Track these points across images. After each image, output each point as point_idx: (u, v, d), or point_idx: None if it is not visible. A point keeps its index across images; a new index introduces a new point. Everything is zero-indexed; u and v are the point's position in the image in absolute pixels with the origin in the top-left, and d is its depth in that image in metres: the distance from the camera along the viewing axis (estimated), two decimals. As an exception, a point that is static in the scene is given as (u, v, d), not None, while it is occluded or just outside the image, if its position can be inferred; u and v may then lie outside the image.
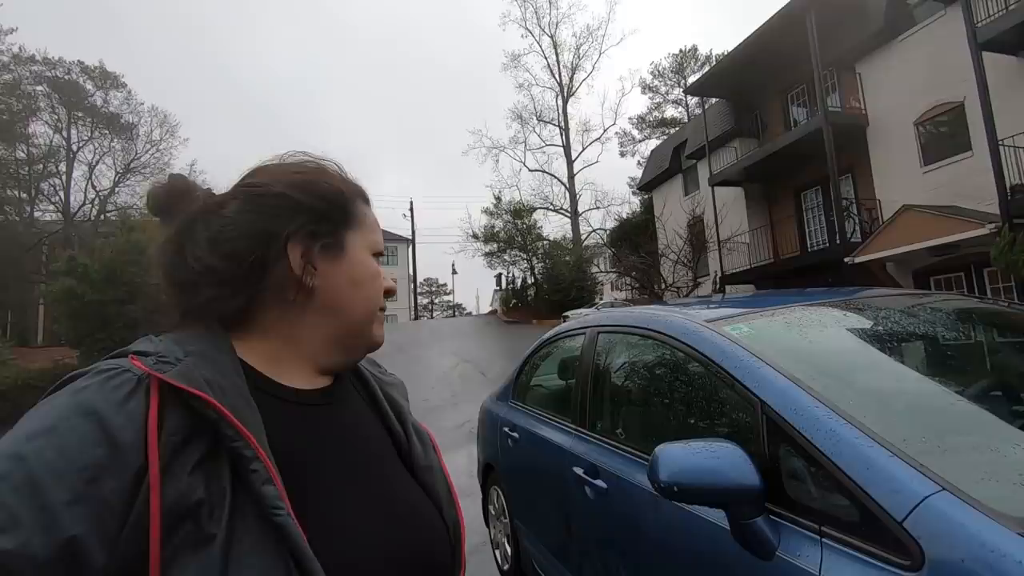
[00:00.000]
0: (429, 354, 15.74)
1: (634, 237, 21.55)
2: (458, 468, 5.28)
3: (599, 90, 45.21)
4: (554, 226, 45.52)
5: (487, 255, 28.74)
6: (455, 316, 44.71)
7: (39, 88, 25.07)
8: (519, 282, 28.47)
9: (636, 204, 29.18)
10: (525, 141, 34.19)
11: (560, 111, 33.08)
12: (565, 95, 32.90)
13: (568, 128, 32.91)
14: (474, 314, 42.43)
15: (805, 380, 1.25)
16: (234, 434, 0.50)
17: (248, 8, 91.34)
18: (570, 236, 30.12)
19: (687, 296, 17.24)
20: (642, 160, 31.28)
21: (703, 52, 34.16)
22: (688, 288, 18.04)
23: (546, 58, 33.55)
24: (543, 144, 33.64)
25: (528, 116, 33.27)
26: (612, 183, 66.02)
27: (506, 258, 28.38)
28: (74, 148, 26.24)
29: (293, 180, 0.64)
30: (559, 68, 32.91)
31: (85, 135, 26.47)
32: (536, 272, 27.16)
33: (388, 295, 0.71)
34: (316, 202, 0.64)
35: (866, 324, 1.71)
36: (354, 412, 0.69)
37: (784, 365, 1.32)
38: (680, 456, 1.17)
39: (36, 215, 26.04)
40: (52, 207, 26.42)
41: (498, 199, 29.07)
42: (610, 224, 29.17)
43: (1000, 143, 8.61)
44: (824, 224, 14.49)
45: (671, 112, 35.52)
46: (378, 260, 0.71)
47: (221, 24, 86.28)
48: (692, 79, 25.89)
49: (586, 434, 2.11)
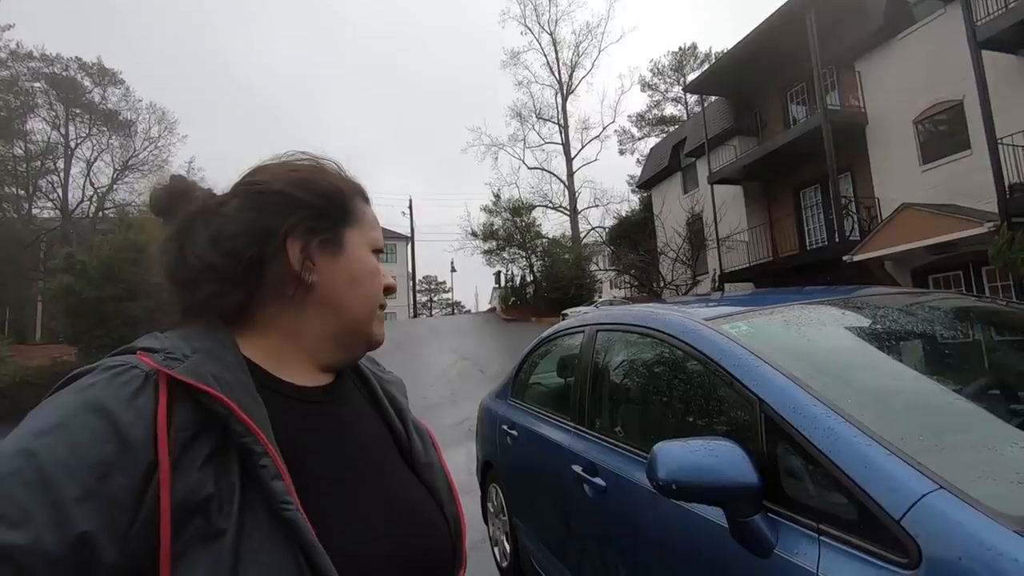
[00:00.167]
0: (428, 352, 15.73)
1: (633, 235, 21.54)
2: (457, 466, 5.29)
3: (598, 88, 45.48)
4: (553, 224, 45.63)
5: (486, 253, 28.68)
6: (454, 314, 44.68)
7: (36, 84, 25.01)
8: (518, 280, 28.41)
9: (635, 202, 29.16)
10: (524, 139, 34.34)
11: (559, 109, 33.09)
12: (564, 93, 32.88)
13: (567, 126, 32.90)
14: (473, 312, 42.33)
15: (803, 378, 1.25)
16: (243, 430, 0.51)
17: (248, 7, 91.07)
18: (569, 234, 30.08)
19: (686, 294, 17.26)
20: (641, 158, 31.29)
21: (703, 50, 34.09)
22: (687, 286, 18.05)
23: (545, 55, 33.51)
24: (542, 142, 33.69)
25: (527, 114, 33.29)
26: (611, 181, 65.87)
27: (505, 256, 28.31)
28: (72, 145, 26.18)
29: (292, 178, 0.64)
30: (558, 65, 32.91)
31: (83, 132, 26.42)
32: (535, 270, 27.12)
33: (388, 292, 0.71)
34: (315, 199, 0.64)
35: (864, 323, 1.71)
36: (355, 409, 0.70)
37: (782, 363, 1.32)
38: (679, 454, 1.17)
39: (34, 212, 26.01)
40: (50, 204, 26.40)
41: (497, 197, 29.02)
42: (609, 222, 29.22)
43: (999, 142, 8.61)
44: (823, 222, 14.51)
45: (670, 110, 35.49)
46: (378, 257, 0.71)
47: (221, 23, 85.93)
48: (691, 77, 25.80)
49: (585, 432, 2.12)
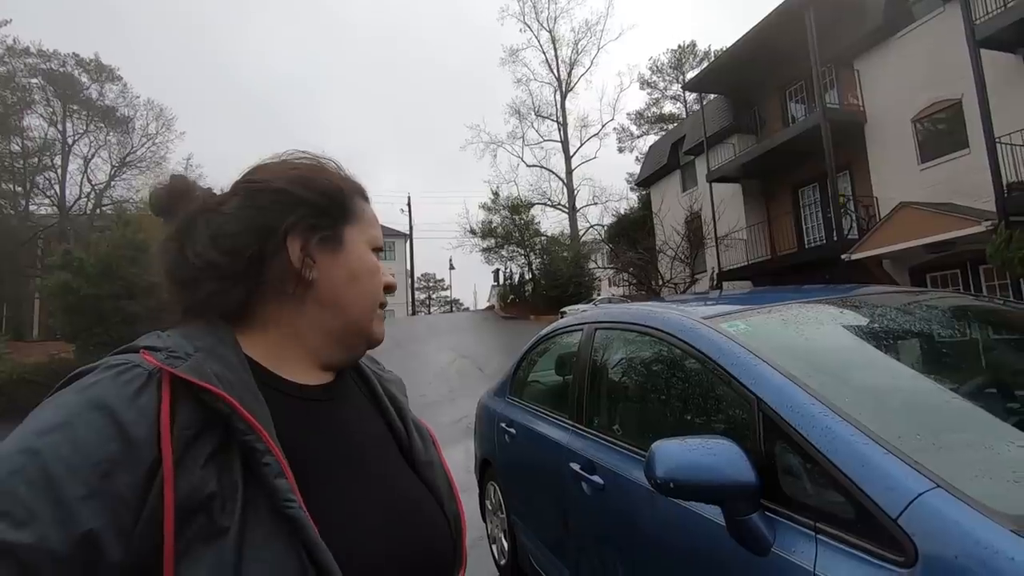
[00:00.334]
0: (426, 349, 15.73)
1: (632, 233, 21.58)
2: (455, 463, 5.28)
3: (597, 85, 44.93)
4: (552, 222, 45.73)
5: (485, 251, 28.66)
6: (452, 311, 44.73)
7: (34, 81, 24.93)
8: (517, 278, 28.43)
9: (634, 200, 29.14)
10: (523, 136, 34.28)
11: (558, 106, 33.08)
12: (563, 90, 32.86)
13: (566, 124, 32.91)
14: (471, 309, 42.39)
15: (801, 377, 1.26)
16: (246, 428, 0.51)
17: (248, 7, 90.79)
18: (568, 232, 30.08)
19: (684, 292, 17.27)
20: (640, 156, 31.31)
21: (702, 48, 34.09)
22: (686, 284, 18.08)
23: (544, 53, 33.40)
24: (541, 139, 33.67)
25: (526, 111, 33.28)
26: (610, 179, 65.88)
27: (504, 254, 28.30)
28: (69, 141, 26.10)
29: (292, 176, 0.65)
30: (557, 63, 32.88)
31: (80, 128, 26.34)
32: (534, 268, 27.13)
33: (388, 291, 0.71)
34: (315, 197, 0.64)
35: (862, 321, 1.71)
36: (355, 408, 0.70)
37: (780, 362, 1.32)
38: (676, 452, 1.18)
39: (31, 209, 25.92)
40: (47, 201, 26.33)
41: (496, 194, 29.01)
42: (608, 220, 29.20)
43: (997, 141, 8.62)
44: (821, 221, 14.52)
45: (669, 108, 35.49)
46: (377, 256, 0.71)
47: (221, 22, 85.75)
48: (691, 75, 25.84)
49: (583, 430, 2.12)
